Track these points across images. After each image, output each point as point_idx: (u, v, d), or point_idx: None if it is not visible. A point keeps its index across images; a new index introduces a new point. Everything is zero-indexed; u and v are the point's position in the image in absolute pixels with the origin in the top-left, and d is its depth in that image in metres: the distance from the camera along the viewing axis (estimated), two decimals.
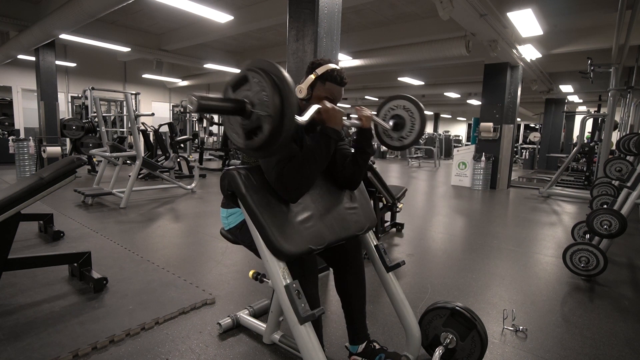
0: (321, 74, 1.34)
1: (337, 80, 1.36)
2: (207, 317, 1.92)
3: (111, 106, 11.01)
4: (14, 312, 1.88)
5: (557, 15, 5.37)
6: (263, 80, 1.01)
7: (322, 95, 1.35)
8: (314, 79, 1.34)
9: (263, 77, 1.01)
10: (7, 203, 1.74)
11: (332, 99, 1.36)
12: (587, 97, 12.21)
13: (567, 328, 1.96)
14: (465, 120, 25.88)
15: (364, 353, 1.48)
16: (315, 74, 1.34)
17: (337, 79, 1.35)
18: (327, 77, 1.34)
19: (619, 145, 3.53)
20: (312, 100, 1.36)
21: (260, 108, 1.03)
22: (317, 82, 1.35)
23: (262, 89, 1.02)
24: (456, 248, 3.34)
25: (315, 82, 1.35)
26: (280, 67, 1.02)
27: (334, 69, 1.35)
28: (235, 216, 1.48)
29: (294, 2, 2.55)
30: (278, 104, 0.99)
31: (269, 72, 1.02)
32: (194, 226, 3.73)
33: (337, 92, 1.38)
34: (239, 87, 1.09)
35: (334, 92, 1.37)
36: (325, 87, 1.35)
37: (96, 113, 5.77)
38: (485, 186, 7.15)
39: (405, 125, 1.59)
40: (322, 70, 1.34)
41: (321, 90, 1.35)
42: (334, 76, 1.35)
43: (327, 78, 1.34)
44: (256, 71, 1.03)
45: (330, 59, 1.39)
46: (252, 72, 1.04)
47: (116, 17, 7.23)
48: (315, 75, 1.34)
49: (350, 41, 7.37)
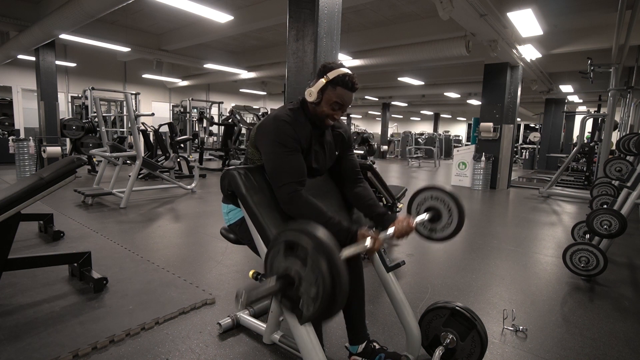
0: (332, 79, 1.32)
1: (349, 86, 1.34)
2: (207, 317, 1.92)
3: (111, 106, 11.02)
4: (14, 312, 1.88)
5: (557, 15, 5.37)
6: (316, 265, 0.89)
7: (332, 99, 1.33)
8: (325, 83, 1.33)
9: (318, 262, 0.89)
10: (7, 203, 1.74)
11: (342, 103, 1.35)
12: (587, 97, 12.21)
13: (567, 328, 1.96)
14: (465, 120, 25.88)
15: (364, 353, 1.48)
16: (327, 77, 1.32)
17: (349, 85, 1.33)
18: (339, 81, 1.32)
19: (619, 145, 3.53)
20: (322, 104, 1.35)
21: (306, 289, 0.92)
22: (328, 86, 1.33)
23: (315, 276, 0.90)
24: (456, 248, 3.34)
25: (326, 86, 1.33)
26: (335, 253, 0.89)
27: (346, 74, 1.33)
28: (235, 212, 1.48)
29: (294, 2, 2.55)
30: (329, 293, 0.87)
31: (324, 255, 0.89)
32: (194, 226, 3.73)
33: (348, 97, 1.36)
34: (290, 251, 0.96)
35: (344, 97, 1.35)
36: (336, 92, 1.33)
37: (96, 113, 5.77)
38: (485, 186, 7.15)
39: (442, 220, 1.46)
40: (333, 75, 1.32)
41: (332, 95, 1.33)
42: (346, 81, 1.32)
43: (338, 83, 1.32)
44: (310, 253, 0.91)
45: (342, 64, 1.37)
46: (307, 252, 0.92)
47: (116, 17, 7.23)
48: (327, 80, 1.32)
49: (350, 41, 7.37)
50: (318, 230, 0.92)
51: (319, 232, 0.91)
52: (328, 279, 0.87)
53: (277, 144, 1.30)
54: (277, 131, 1.31)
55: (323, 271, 0.87)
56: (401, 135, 17.11)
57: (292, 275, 0.94)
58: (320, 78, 1.34)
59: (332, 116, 1.37)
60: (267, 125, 1.35)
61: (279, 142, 1.30)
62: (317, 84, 1.34)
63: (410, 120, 27.49)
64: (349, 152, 1.56)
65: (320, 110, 1.35)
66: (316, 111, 1.37)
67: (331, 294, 0.88)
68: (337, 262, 0.88)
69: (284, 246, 0.96)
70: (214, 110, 12.79)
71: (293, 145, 1.31)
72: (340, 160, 1.54)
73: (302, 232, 0.93)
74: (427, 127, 25.27)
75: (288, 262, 0.95)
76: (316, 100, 1.34)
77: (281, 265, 0.97)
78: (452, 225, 1.43)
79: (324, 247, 0.89)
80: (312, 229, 0.92)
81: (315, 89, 1.33)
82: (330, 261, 0.87)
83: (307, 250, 0.91)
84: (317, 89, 1.33)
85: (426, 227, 1.49)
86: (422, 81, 10.79)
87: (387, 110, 17.03)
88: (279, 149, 1.30)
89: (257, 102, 16.42)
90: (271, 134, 1.32)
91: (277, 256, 0.98)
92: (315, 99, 1.34)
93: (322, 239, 0.90)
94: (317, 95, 1.34)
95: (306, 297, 0.92)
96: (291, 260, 0.95)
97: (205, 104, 12.49)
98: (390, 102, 16.44)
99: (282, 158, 1.29)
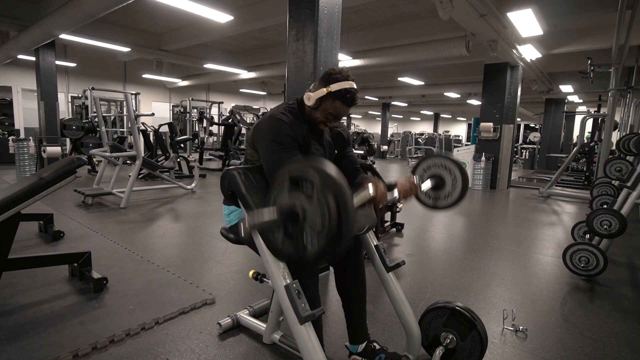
0: (334, 92, 1.32)
1: (348, 102, 1.35)
2: (207, 317, 1.92)
3: (111, 106, 11.01)
4: (14, 312, 1.88)
5: (557, 15, 5.37)
6: (322, 198, 0.89)
7: (328, 110, 1.35)
8: (326, 94, 1.33)
9: (323, 195, 0.88)
10: (7, 203, 1.74)
11: (336, 115, 1.37)
12: (587, 97, 12.21)
13: (567, 328, 1.96)
14: (465, 120, 25.87)
15: (364, 353, 1.48)
16: (329, 89, 1.32)
17: (348, 101, 1.35)
18: (339, 96, 1.33)
19: (619, 145, 3.53)
20: (318, 110, 1.36)
21: (312, 223, 0.91)
22: (329, 97, 1.33)
23: (320, 204, 0.89)
24: (456, 248, 3.34)
25: (327, 97, 1.33)
26: (344, 185, 0.89)
27: (348, 90, 1.32)
28: (236, 214, 1.48)
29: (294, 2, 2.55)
30: (335, 226, 0.86)
31: (330, 188, 0.88)
32: (194, 226, 3.73)
33: (344, 111, 1.38)
34: (296, 186, 0.96)
35: (340, 111, 1.36)
36: (334, 105, 1.34)
37: (96, 113, 5.77)
38: (485, 186, 7.15)
39: (445, 187, 1.48)
40: (335, 88, 1.32)
41: (329, 106, 1.35)
42: (346, 98, 1.34)
43: (339, 97, 1.33)
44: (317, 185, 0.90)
45: (349, 74, 1.36)
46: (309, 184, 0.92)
47: (116, 17, 7.23)
48: (328, 91, 1.32)
49: (350, 41, 7.37)
50: (326, 165, 0.91)
51: (327, 167, 0.90)
52: (334, 210, 0.86)
53: (273, 143, 1.30)
54: (273, 130, 1.32)
55: (329, 203, 0.86)
56: (401, 135, 17.12)
57: (297, 210, 0.92)
58: (323, 87, 1.34)
59: (325, 123, 1.39)
60: (264, 124, 1.35)
61: (276, 141, 1.30)
62: (318, 92, 1.34)
63: (410, 120, 27.49)
64: (347, 149, 1.58)
65: (315, 115, 1.38)
66: (311, 114, 1.39)
67: (337, 225, 0.86)
68: (345, 193, 0.87)
69: (289, 182, 0.95)
70: (214, 110, 12.79)
71: (290, 143, 1.31)
72: (340, 158, 1.56)
73: (309, 166, 0.91)
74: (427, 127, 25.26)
75: (293, 197, 0.94)
76: (313, 106, 1.36)
77: (285, 201, 0.96)
78: (456, 192, 1.45)
79: (332, 179, 0.88)
80: (320, 164, 0.91)
81: (314, 96, 1.34)
82: (338, 193, 0.86)
83: (314, 184, 0.89)
84: (317, 96, 1.34)
85: (430, 197, 1.52)
86: (422, 81, 10.79)
87: (387, 110, 17.04)
88: (275, 147, 1.30)
89: (257, 102, 16.42)
90: (268, 132, 1.32)
91: (282, 192, 0.97)
92: (312, 105, 1.36)
93: (329, 173, 0.89)
94: (316, 102, 1.35)
95: (310, 231, 0.91)
96: (296, 195, 0.93)
97: (205, 104, 12.49)
98: (390, 102, 16.44)
99: (279, 155, 1.29)
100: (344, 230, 0.87)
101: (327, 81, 1.34)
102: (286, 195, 0.96)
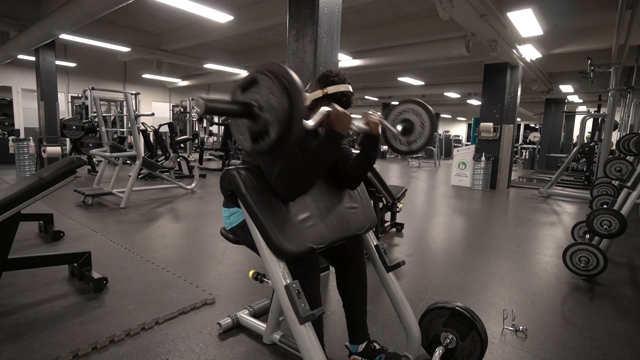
0: (331, 94, 1.37)
1: (344, 105, 1.38)
2: (207, 317, 1.92)
3: (111, 106, 11.01)
4: (14, 312, 1.88)
5: (557, 15, 5.38)
6: (272, 84, 0.99)
7: None
8: (322, 96, 1.37)
9: (272, 80, 0.99)
10: (7, 203, 1.74)
11: None
12: (587, 97, 12.22)
13: (567, 328, 1.96)
14: (465, 120, 25.87)
15: (364, 353, 1.48)
16: (325, 92, 1.37)
17: (344, 104, 1.39)
18: (335, 99, 1.37)
19: (619, 145, 3.53)
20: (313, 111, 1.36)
21: (268, 112, 1.01)
22: (324, 99, 1.37)
23: (271, 92, 1.00)
24: (456, 248, 3.34)
25: (322, 98, 1.38)
26: (291, 71, 0.99)
27: (345, 93, 1.38)
28: (236, 215, 1.48)
29: (294, 2, 2.55)
30: (287, 108, 0.96)
31: (278, 75, 0.99)
32: (194, 226, 3.73)
33: None
34: (247, 89, 1.07)
35: None
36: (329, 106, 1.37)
37: (96, 113, 5.77)
38: (485, 186, 7.15)
39: (415, 130, 1.56)
40: (332, 91, 1.37)
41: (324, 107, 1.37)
42: (342, 102, 1.38)
43: (335, 100, 1.37)
44: (266, 74, 1.01)
45: (345, 77, 1.40)
46: (262, 75, 1.02)
47: (116, 17, 7.23)
48: (324, 93, 1.37)
49: (350, 41, 7.37)
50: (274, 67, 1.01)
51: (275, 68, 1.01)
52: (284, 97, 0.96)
53: None
54: None
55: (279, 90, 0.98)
56: None
57: (251, 102, 1.04)
58: (319, 88, 1.38)
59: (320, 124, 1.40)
60: None
61: None
62: (315, 93, 1.39)
63: None
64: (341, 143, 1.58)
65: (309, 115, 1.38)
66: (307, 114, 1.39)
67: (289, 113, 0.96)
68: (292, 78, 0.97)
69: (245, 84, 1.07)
70: None
71: None
72: None
73: (258, 71, 1.03)
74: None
75: (249, 94, 1.06)
76: (309, 106, 1.39)
77: (239, 97, 1.08)
78: (426, 130, 1.52)
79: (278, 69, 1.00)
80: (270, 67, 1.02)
81: (311, 97, 1.39)
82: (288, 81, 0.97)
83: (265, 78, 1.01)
84: (313, 97, 1.39)
85: (403, 143, 1.59)
86: (422, 81, 10.79)
87: (387, 110, 17.05)
88: None
89: None
90: None
91: (236, 92, 1.09)
92: (308, 105, 1.39)
93: (275, 69, 1.00)
94: (312, 103, 1.39)
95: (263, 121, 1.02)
96: (253, 91, 1.05)
97: None
98: (390, 102, 16.44)
99: None
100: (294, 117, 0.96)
101: (324, 83, 1.39)
102: (239, 93, 1.09)
